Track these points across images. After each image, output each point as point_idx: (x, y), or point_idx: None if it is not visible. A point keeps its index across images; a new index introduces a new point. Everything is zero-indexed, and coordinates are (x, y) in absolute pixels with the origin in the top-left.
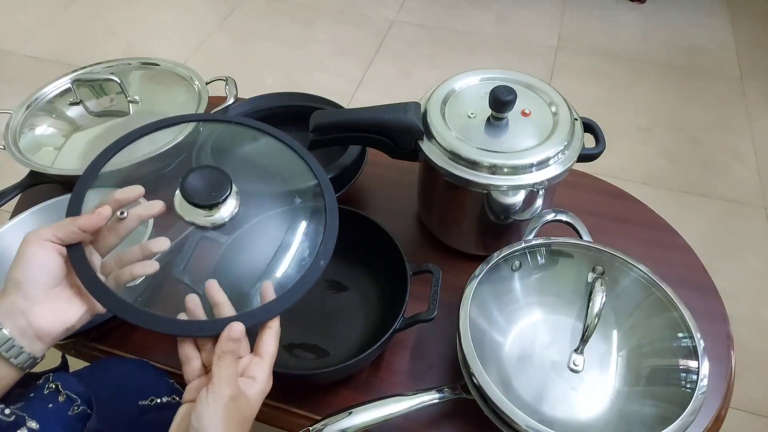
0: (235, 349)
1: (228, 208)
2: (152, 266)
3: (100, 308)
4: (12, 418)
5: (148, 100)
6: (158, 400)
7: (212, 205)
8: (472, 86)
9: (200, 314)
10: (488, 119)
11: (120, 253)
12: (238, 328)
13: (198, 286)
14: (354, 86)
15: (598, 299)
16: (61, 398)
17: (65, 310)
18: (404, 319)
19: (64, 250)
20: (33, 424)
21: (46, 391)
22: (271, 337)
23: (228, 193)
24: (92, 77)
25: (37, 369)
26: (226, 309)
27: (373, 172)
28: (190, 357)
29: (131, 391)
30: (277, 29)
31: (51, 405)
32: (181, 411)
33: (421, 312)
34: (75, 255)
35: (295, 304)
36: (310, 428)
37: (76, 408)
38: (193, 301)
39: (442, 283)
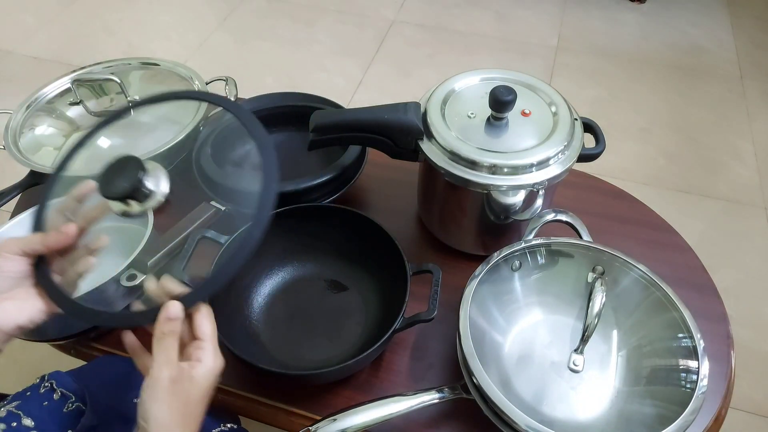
0: (173, 329)
1: (156, 194)
2: (91, 263)
3: (57, 308)
4: (4, 415)
5: None
6: None
7: (128, 196)
8: (472, 86)
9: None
10: (488, 119)
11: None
12: (174, 308)
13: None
14: (354, 86)
15: (598, 299)
16: (56, 396)
17: (20, 308)
18: (404, 319)
19: (29, 260)
20: (28, 422)
21: (42, 390)
22: (203, 318)
23: (139, 179)
24: (92, 77)
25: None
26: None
27: (373, 172)
28: (135, 348)
29: (126, 389)
30: (277, 29)
31: (46, 403)
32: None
33: (421, 312)
34: (40, 268)
35: (231, 279)
36: (311, 428)
37: (70, 405)
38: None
39: (442, 282)
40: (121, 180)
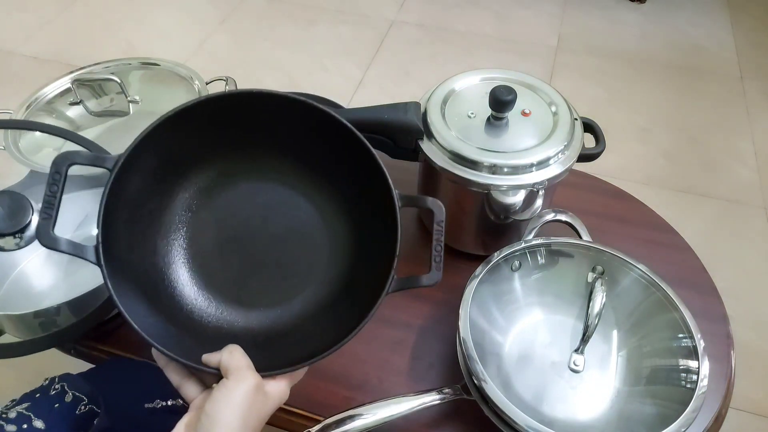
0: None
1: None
2: None
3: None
4: (15, 416)
5: (148, 100)
6: (163, 403)
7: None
8: (472, 86)
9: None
10: (488, 119)
11: None
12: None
13: None
14: (354, 86)
15: (598, 299)
16: (67, 398)
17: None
18: (396, 279)
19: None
20: (39, 424)
21: (52, 392)
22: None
23: (29, 217)
24: (92, 77)
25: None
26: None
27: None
28: (183, 376)
29: (137, 393)
30: (277, 29)
31: (57, 405)
32: (185, 419)
33: (420, 274)
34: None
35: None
36: (311, 430)
37: (83, 407)
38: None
39: (442, 282)
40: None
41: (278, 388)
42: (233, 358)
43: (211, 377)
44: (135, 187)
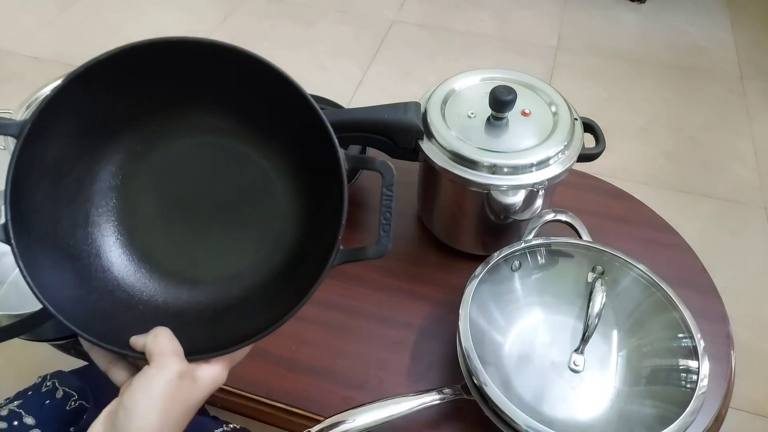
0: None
1: None
2: None
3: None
4: (6, 414)
5: None
6: None
7: None
8: (472, 86)
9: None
10: (488, 119)
11: None
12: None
13: None
14: (354, 86)
15: (598, 299)
16: (58, 395)
17: None
18: (342, 251)
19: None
20: (29, 420)
21: (44, 389)
22: None
23: None
24: None
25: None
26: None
27: (374, 172)
28: (111, 360)
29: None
30: (277, 29)
31: (48, 401)
32: (109, 407)
33: (366, 246)
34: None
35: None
36: (311, 430)
37: (73, 403)
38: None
39: (441, 282)
40: None
41: (211, 372)
42: (157, 342)
43: (143, 360)
44: (53, 154)
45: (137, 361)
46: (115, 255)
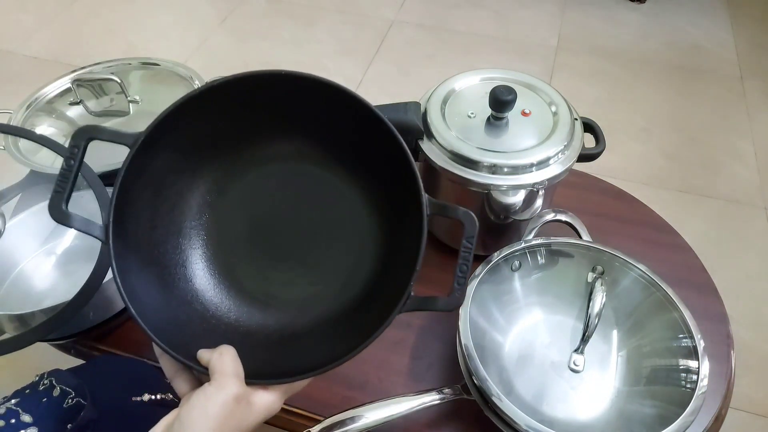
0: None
1: None
2: None
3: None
4: (3, 412)
5: (148, 100)
6: (152, 397)
7: None
8: (472, 86)
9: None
10: (488, 119)
11: None
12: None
13: None
14: (354, 86)
15: (598, 299)
16: (55, 392)
17: None
18: (413, 299)
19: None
20: (26, 418)
21: (41, 387)
22: None
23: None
24: (92, 77)
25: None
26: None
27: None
28: (177, 369)
29: (124, 386)
30: (277, 29)
31: (45, 399)
32: (168, 417)
33: (436, 296)
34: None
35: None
36: (311, 430)
37: (70, 400)
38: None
39: (441, 282)
40: None
41: (267, 400)
42: (221, 360)
43: (206, 375)
44: (160, 165)
45: (201, 375)
46: (199, 267)
